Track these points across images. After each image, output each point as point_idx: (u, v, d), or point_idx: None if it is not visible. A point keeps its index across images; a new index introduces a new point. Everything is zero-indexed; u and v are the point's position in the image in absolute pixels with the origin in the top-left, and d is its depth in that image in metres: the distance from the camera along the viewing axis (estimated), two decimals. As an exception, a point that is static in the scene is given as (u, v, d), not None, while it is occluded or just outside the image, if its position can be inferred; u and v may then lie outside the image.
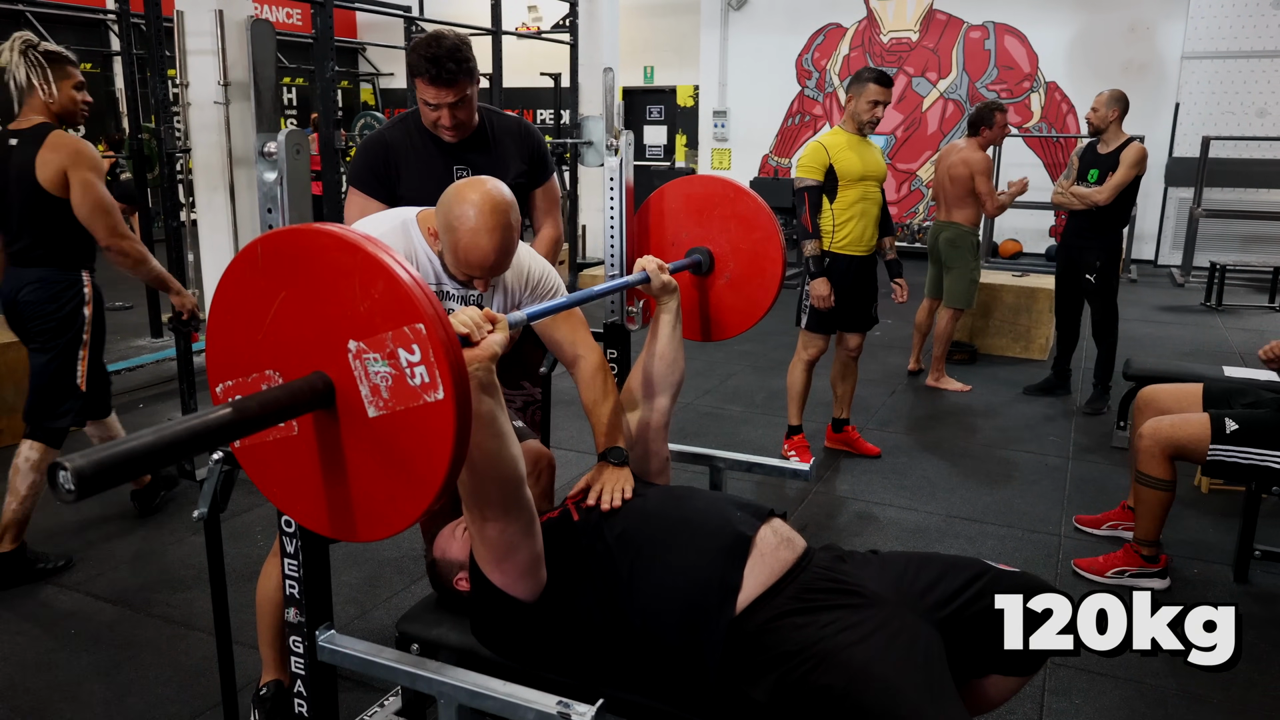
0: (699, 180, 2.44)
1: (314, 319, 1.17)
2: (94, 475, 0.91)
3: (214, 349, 1.29)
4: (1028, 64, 9.98)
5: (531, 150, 2.52)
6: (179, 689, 2.45)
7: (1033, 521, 3.51)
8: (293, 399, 1.15)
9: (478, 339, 1.44)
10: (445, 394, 1.10)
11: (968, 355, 5.84)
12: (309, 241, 1.19)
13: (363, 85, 14.68)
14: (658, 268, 2.09)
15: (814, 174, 3.80)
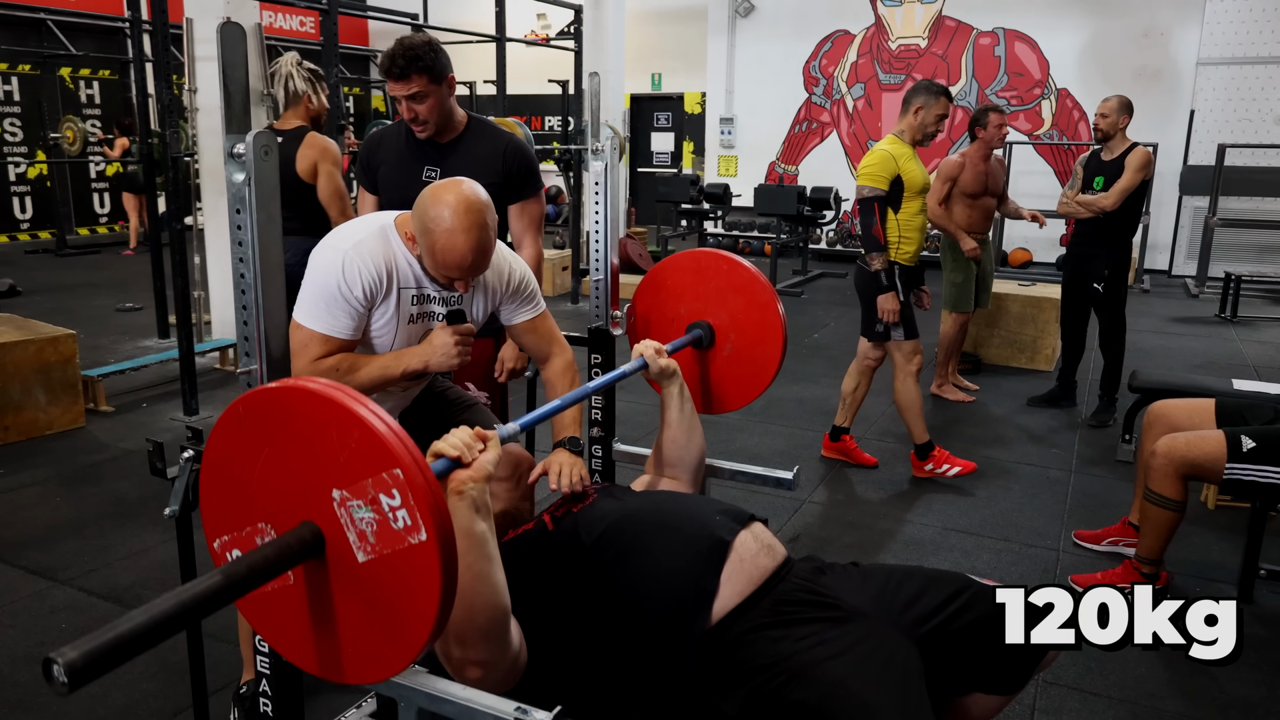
0: (695, 255, 2.43)
1: (299, 471, 1.20)
2: (85, 667, 0.93)
3: (208, 505, 1.32)
4: (1039, 71, 9.91)
5: (511, 165, 2.56)
6: (164, 684, 2.46)
7: (1030, 535, 3.45)
8: (281, 555, 1.17)
9: (469, 460, 1.44)
10: (428, 535, 1.12)
11: (972, 365, 5.77)
12: (286, 398, 1.22)
13: (374, 92, 14.74)
14: (655, 352, 2.11)
15: (882, 183, 3.73)
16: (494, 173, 2.52)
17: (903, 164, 3.74)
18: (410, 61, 2.42)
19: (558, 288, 8.01)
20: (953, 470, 3.94)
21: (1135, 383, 4.01)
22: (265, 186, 1.37)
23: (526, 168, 2.61)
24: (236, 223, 1.37)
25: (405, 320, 1.96)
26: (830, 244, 10.78)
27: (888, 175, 3.73)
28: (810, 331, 6.98)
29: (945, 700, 1.65)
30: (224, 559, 1.30)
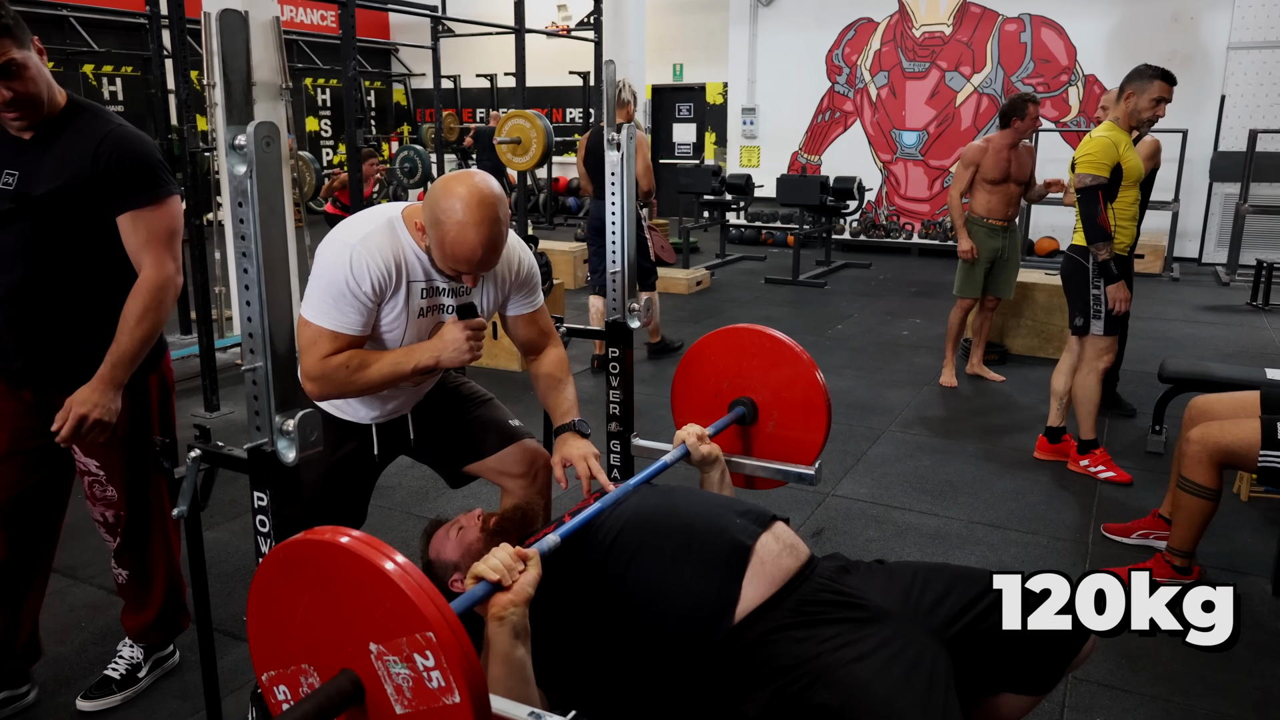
0: (736, 331, 2.41)
1: (338, 620, 1.21)
2: None
3: (255, 639, 1.34)
4: (1065, 57, 9.75)
5: (106, 166, 1.96)
6: (183, 683, 2.45)
7: (1059, 529, 3.38)
8: (321, 708, 1.18)
9: (509, 583, 1.44)
10: (461, 698, 1.13)
11: (998, 356, 5.69)
12: (320, 552, 1.22)
13: (395, 86, 14.78)
14: (696, 439, 2.10)
15: (1103, 171, 3.60)
16: (78, 177, 1.95)
17: (1123, 151, 3.62)
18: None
19: (578, 281, 7.98)
20: (1106, 474, 3.81)
21: (1165, 372, 3.93)
22: (268, 178, 1.34)
23: (131, 167, 1.98)
24: (239, 216, 1.35)
25: (415, 314, 1.93)
26: (854, 234, 10.69)
27: (1109, 162, 3.59)
28: (834, 323, 6.91)
29: (974, 699, 1.62)
30: (270, 692, 1.32)
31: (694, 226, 9.65)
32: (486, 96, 13.16)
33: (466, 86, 13.27)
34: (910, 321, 6.93)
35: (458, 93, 13.23)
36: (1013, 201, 5.10)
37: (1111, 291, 3.66)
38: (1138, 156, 3.68)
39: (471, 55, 12.56)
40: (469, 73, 12.99)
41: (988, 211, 5.05)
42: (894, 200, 10.75)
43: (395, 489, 3.64)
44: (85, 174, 1.95)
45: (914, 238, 10.53)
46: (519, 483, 2.17)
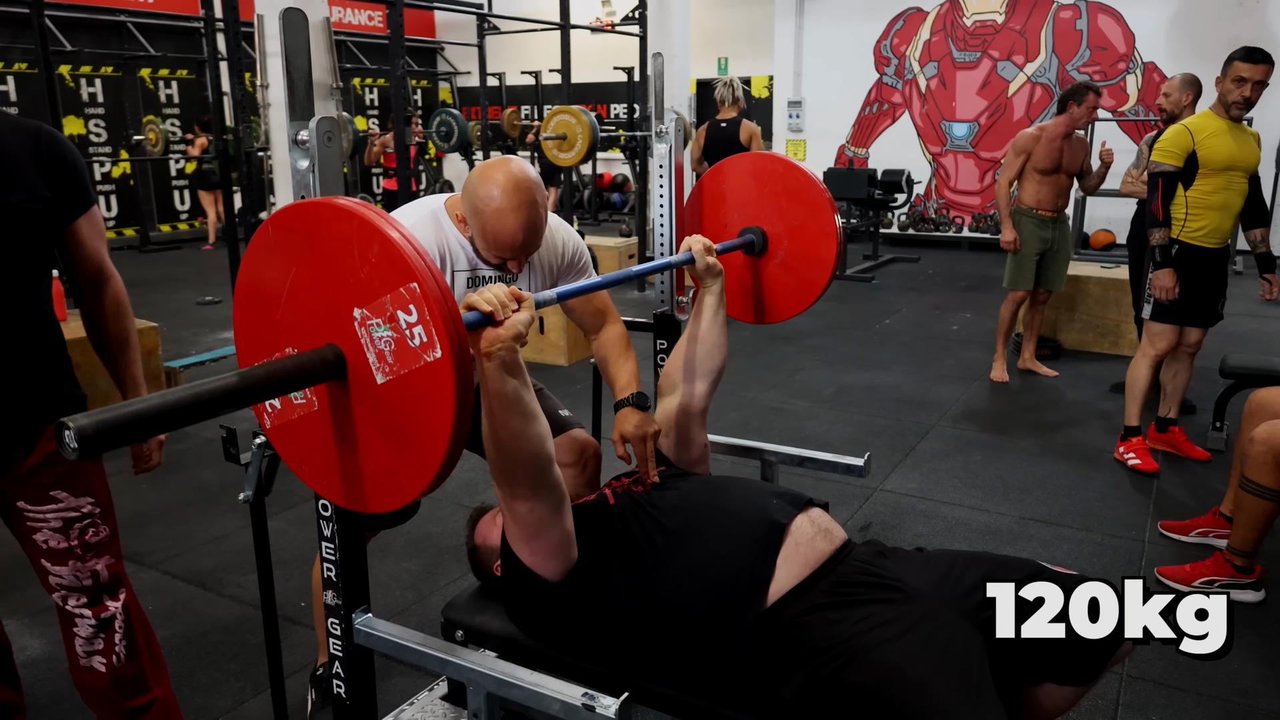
0: (751, 158, 2.35)
1: (323, 291, 1.20)
2: (95, 435, 0.96)
3: (240, 332, 1.33)
4: (1123, 44, 9.53)
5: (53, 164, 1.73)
6: (244, 665, 2.52)
7: (1114, 526, 3.31)
8: (301, 369, 1.17)
9: (502, 318, 1.39)
10: (443, 351, 1.11)
11: (1051, 350, 5.59)
12: (312, 214, 1.22)
13: (441, 84, 14.91)
14: (704, 248, 2.03)
15: (1173, 159, 3.58)
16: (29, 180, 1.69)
17: (1201, 139, 3.55)
18: None
19: (624, 276, 7.99)
20: (1133, 461, 3.84)
21: (1227, 367, 3.82)
22: (330, 172, 1.36)
23: (74, 164, 1.77)
24: None
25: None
26: (902, 228, 10.56)
27: (1179, 151, 3.57)
28: (881, 318, 6.84)
29: (1015, 689, 1.59)
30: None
31: (740, 221, 9.61)
32: (531, 93, 13.23)
33: (511, 84, 13.35)
34: (960, 316, 6.83)
35: (503, 90, 13.31)
36: (1063, 193, 5.00)
37: (1155, 277, 3.62)
38: (1224, 144, 3.53)
39: (516, 52, 12.62)
40: (514, 70, 13.07)
41: (1037, 202, 4.97)
42: (943, 193, 10.59)
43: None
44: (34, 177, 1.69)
45: (964, 231, 10.37)
46: (569, 472, 2.18)
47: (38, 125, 1.75)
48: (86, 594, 1.83)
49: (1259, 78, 3.48)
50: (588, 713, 1.32)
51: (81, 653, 1.84)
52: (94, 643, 1.84)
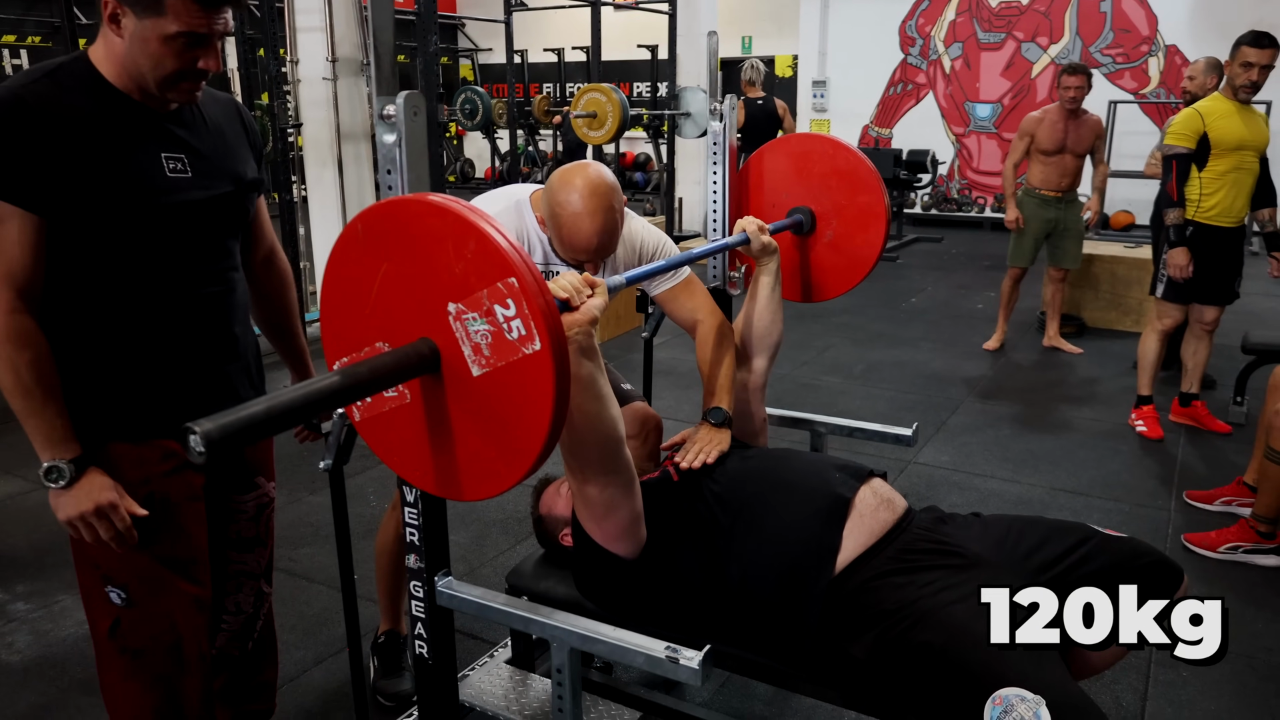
0: (799, 139, 2.41)
1: (415, 287, 1.20)
2: (220, 439, 1.00)
3: (328, 328, 1.33)
4: (1146, 26, 9.52)
5: (254, 143, 1.77)
6: (303, 635, 2.59)
7: (1140, 496, 3.42)
8: (399, 364, 1.19)
9: (577, 304, 1.45)
10: (542, 344, 1.12)
11: (1075, 328, 5.68)
12: (403, 211, 1.22)
13: (461, 61, 14.92)
14: (758, 229, 2.07)
15: (1185, 141, 3.73)
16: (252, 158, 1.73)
17: (1211, 121, 3.69)
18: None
19: (650, 253, 8.07)
20: (1141, 427, 4.05)
21: (1248, 343, 3.93)
22: (416, 146, 1.37)
23: (259, 135, 1.81)
24: (388, 184, 1.39)
25: None
26: (925, 208, 10.60)
27: (1192, 133, 3.71)
28: (908, 296, 6.93)
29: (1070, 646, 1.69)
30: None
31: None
32: (554, 71, 13.24)
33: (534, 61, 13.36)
34: (984, 295, 6.90)
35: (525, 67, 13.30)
36: (1068, 173, 5.09)
37: (1170, 255, 3.75)
38: (1233, 125, 3.66)
39: (539, 29, 12.60)
40: (536, 47, 13.07)
41: (1041, 182, 5.12)
42: (966, 174, 10.63)
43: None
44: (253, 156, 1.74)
45: (986, 212, 10.41)
46: (631, 444, 2.22)
47: (230, 96, 1.76)
48: (260, 580, 1.91)
49: (1265, 62, 3.59)
50: (671, 665, 1.36)
51: (222, 641, 1.88)
52: (247, 627, 1.91)
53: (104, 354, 1.55)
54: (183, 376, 1.62)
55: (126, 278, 1.53)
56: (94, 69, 1.48)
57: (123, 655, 1.64)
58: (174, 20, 1.41)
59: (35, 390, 1.44)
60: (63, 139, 1.42)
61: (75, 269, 1.49)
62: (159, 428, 1.59)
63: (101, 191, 1.46)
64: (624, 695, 1.99)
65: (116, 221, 1.48)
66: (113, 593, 1.60)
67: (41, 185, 1.42)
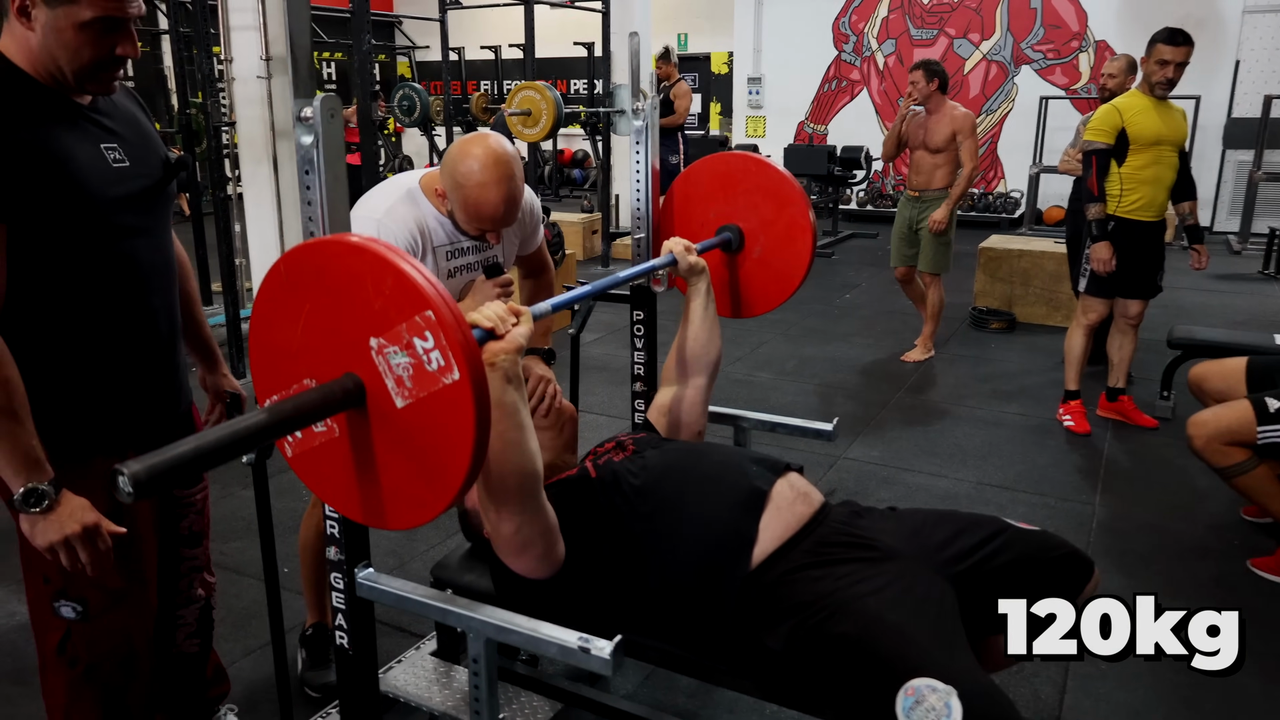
0: (723, 158, 2.41)
1: (338, 323, 1.24)
2: (147, 480, 1.03)
3: (257, 367, 1.37)
4: (1076, 22, 9.71)
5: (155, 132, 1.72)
6: (233, 628, 2.58)
7: (1066, 490, 3.47)
8: (324, 399, 1.22)
9: (502, 332, 1.47)
10: (460, 373, 1.15)
11: (1006, 324, 5.76)
12: (322, 252, 1.26)
13: (399, 58, 14.74)
14: (684, 249, 2.10)
15: (1104, 136, 3.77)
16: (157, 138, 1.69)
17: (1129, 117, 3.74)
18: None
19: (588, 251, 8.03)
20: (1068, 422, 4.09)
21: (1173, 338, 4.00)
22: (333, 148, 1.40)
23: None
24: (305, 183, 1.41)
25: (444, 276, 2.03)
26: (860, 204, 10.70)
27: (1110, 129, 3.76)
28: (842, 292, 6.98)
29: (980, 638, 1.69)
30: None
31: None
32: (491, 68, 13.14)
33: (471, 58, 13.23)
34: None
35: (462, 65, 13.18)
36: (922, 170, 5.06)
37: (1093, 250, 3.82)
38: (1151, 120, 3.73)
39: (475, 27, 12.51)
40: (473, 44, 12.95)
41: (906, 181, 5.18)
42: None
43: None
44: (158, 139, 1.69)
45: (921, 207, 10.54)
46: (547, 436, 2.25)
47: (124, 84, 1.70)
48: (205, 572, 1.90)
49: (1180, 59, 3.68)
50: (583, 654, 1.39)
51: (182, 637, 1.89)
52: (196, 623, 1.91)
53: (71, 364, 1.52)
54: (145, 373, 1.62)
55: (85, 278, 1.49)
56: (12, 65, 1.43)
57: (72, 669, 1.61)
58: (87, 6, 1.38)
59: (7, 411, 1.37)
60: (11, 140, 1.37)
61: (33, 277, 1.45)
62: (131, 436, 1.59)
63: (58, 189, 1.42)
64: (546, 687, 2.01)
65: (75, 219, 1.45)
66: (65, 607, 1.57)
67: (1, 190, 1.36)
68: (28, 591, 1.63)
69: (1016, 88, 10.05)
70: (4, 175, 1.36)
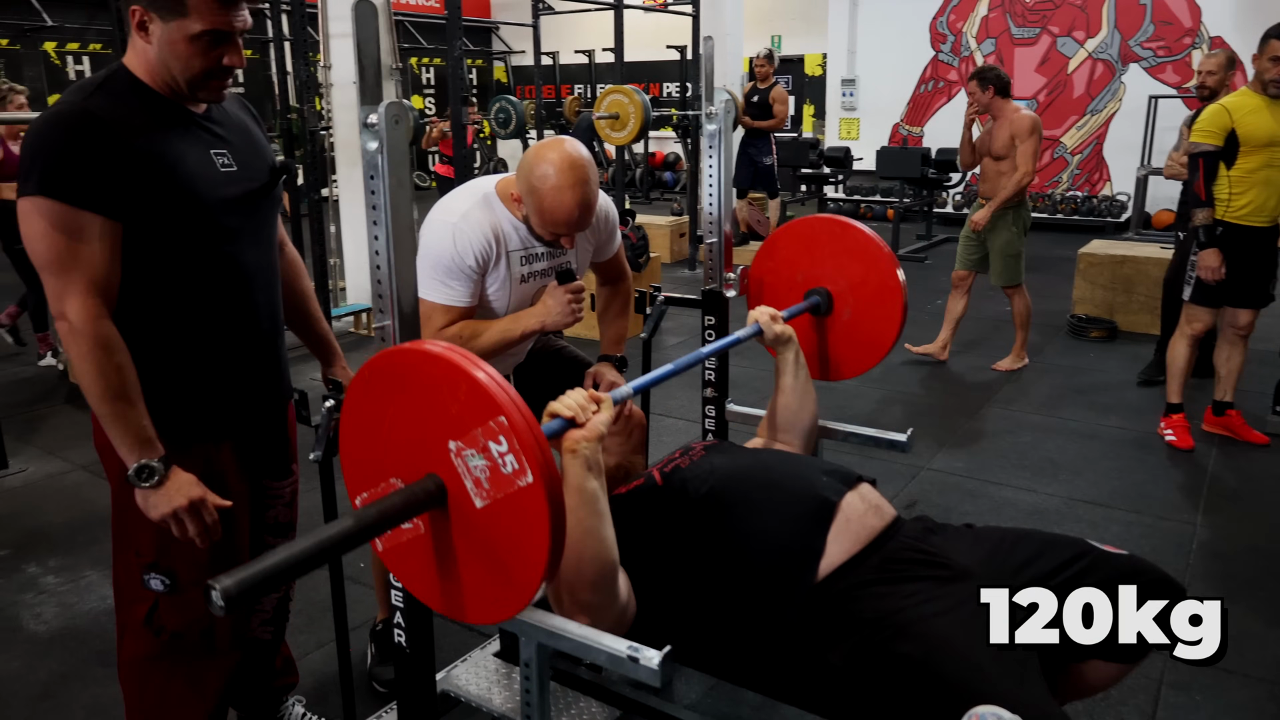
0: (811, 221, 2.41)
1: (420, 427, 1.29)
2: (238, 594, 1.08)
3: (347, 463, 1.43)
4: (1189, 18, 9.28)
5: (264, 133, 1.82)
6: (308, 620, 2.65)
7: (1164, 509, 3.30)
8: (407, 503, 1.27)
9: (583, 420, 1.49)
10: (534, 477, 1.19)
11: (1106, 332, 5.53)
12: (403, 359, 1.33)
13: (495, 63, 15.01)
14: (770, 318, 2.11)
15: (1212, 138, 3.60)
16: (266, 144, 1.78)
17: (1240, 117, 3.56)
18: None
19: (675, 254, 8.03)
20: (1170, 437, 3.90)
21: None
22: (396, 153, 1.42)
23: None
24: (370, 188, 1.43)
25: (517, 280, 2.05)
26: (957, 207, 10.43)
27: (1218, 130, 3.58)
28: (934, 298, 6.80)
29: (1061, 665, 1.63)
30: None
31: (791, 200, 9.59)
32: (584, 72, 13.26)
33: (565, 63, 13.39)
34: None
35: (556, 69, 13.36)
36: (988, 177, 4.92)
37: (1201, 257, 3.63)
38: (1263, 121, 3.52)
39: (570, 31, 12.65)
40: (567, 49, 13.11)
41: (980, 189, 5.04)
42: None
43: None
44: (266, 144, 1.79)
45: (1020, 211, 10.22)
46: (615, 441, 2.24)
47: (236, 93, 1.81)
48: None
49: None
50: (632, 664, 1.38)
51: (257, 623, 1.95)
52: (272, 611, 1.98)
53: (175, 355, 1.63)
54: (246, 369, 1.72)
55: (193, 276, 1.60)
56: (134, 77, 1.55)
57: (157, 637, 1.71)
58: (197, 19, 1.49)
59: (122, 394, 1.49)
60: (131, 146, 1.49)
61: (145, 273, 1.55)
62: (229, 426, 1.70)
63: (170, 192, 1.53)
64: (607, 693, 2.01)
65: (185, 219, 1.55)
66: (154, 579, 1.67)
67: (118, 191, 1.48)
68: (115, 565, 1.74)
69: (1124, 86, 9.64)
70: (121, 180, 1.47)
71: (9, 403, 4.30)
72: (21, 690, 2.38)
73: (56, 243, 1.44)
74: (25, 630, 2.64)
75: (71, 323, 1.46)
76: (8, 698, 2.35)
